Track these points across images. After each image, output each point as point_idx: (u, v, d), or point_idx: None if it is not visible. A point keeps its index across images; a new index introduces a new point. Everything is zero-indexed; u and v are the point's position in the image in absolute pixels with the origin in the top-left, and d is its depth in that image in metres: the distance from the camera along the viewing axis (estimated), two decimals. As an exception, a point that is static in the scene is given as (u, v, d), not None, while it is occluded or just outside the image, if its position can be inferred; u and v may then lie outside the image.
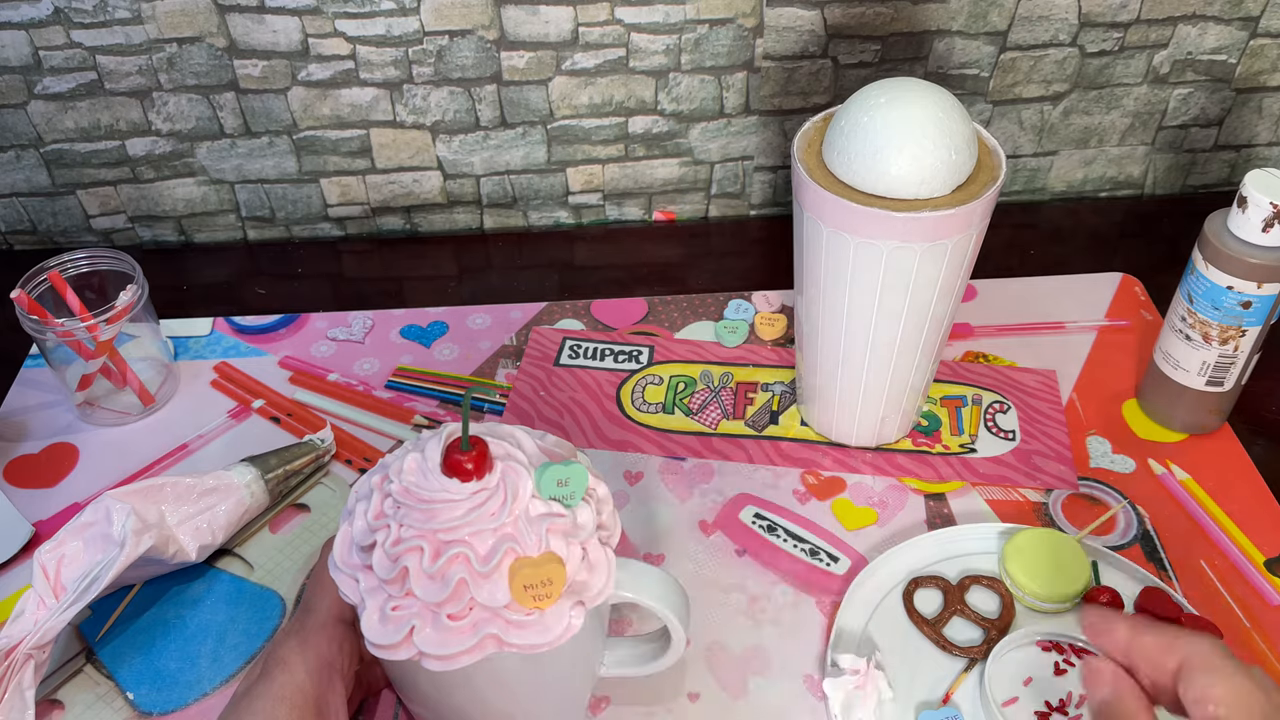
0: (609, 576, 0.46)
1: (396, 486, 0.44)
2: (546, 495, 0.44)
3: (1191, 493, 0.67)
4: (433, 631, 0.43)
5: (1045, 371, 0.76)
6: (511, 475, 0.44)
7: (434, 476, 0.44)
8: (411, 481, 0.44)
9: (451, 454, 0.44)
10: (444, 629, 0.43)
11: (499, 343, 0.79)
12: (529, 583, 0.42)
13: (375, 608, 0.44)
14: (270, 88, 0.83)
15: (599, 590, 0.45)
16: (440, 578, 0.43)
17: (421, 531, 0.43)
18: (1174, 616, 0.59)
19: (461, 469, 0.44)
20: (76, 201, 0.89)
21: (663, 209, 0.93)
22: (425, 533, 0.43)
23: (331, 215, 0.91)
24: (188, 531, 0.61)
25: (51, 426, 0.74)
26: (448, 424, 0.46)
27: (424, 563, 0.43)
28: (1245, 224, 0.61)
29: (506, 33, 0.81)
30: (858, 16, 0.82)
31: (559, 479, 0.44)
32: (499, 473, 0.44)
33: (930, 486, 0.68)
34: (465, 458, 0.44)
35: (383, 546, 0.44)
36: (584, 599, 0.45)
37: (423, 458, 0.45)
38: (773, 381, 0.75)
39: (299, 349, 0.79)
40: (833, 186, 0.58)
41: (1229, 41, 0.85)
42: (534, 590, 0.42)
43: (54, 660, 0.60)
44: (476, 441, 0.45)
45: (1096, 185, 0.94)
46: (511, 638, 0.43)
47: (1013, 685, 0.56)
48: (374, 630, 0.44)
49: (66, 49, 0.80)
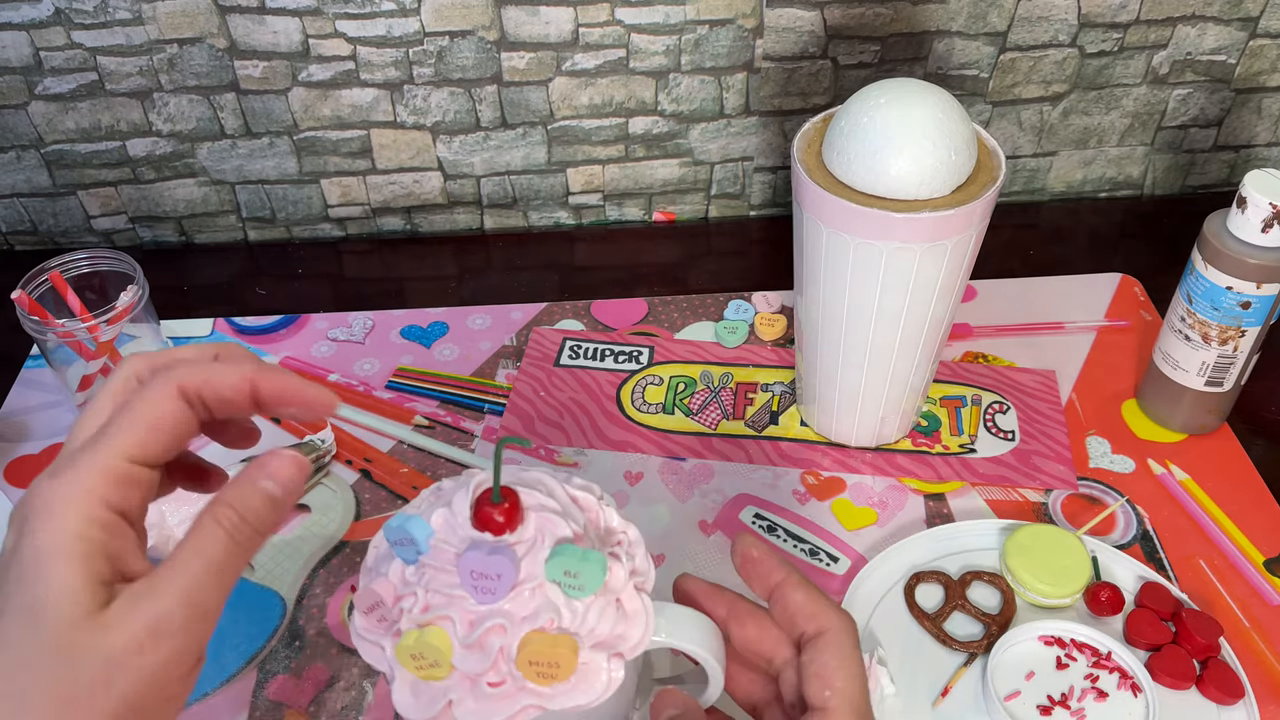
0: (647, 625, 0.43)
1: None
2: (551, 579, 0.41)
3: (1191, 493, 0.67)
4: (473, 702, 0.40)
5: (1045, 372, 0.76)
6: (548, 526, 0.42)
7: (464, 531, 0.41)
8: (439, 540, 0.41)
9: (482, 506, 0.41)
10: (484, 698, 0.40)
11: (499, 343, 0.79)
12: (535, 659, 0.40)
13: (406, 681, 0.41)
14: (271, 88, 0.83)
15: (637, 641, 0.42)
16: (479, 647, 0.40)
17: (451, 598, 0.41)
18: (1174, 613, 0.59)
19: (493, 522, 0.41)
20: (77, 202, 0.89)
21: (663, 209, 0.93)
22: (456, 598, 0.40)
23: (332, 216, 0.91)
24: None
25: (52, 427, 0.74)
26: (475, 473, 0.43)
27: (459, 632, 0.40)
28: (1245, 224, 0.61)
29: (507, 33, 0.81)
30: (858, 17, 0.82)
31: (566, 569, 0.41)
32: (533, 524, 0.42)
33: (930, 487, 0.68)
34: (496, 510, 0.41)
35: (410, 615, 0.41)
36: (622, 651, 0.42)
37: (450, 512, 0.42)
38: (773, 382, 0.76)
39: (299, 349, 0.79)
40: (833, 187, 0.58)
41: (1228, 42, 0.85)
42: (539, 668, 0.40)
43: (55, 660, 0.60)
44: (507, 492, 0.42)
45: (1096, 185, 0.94)
46: (553, 703, 0.41)
47: (1015, 680, 0.56)
48: (407, 705, 0.41)
49: (67, 50, 0.80)
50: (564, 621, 0.41)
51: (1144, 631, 0.58)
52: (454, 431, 0.73)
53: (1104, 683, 0.56)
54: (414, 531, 0.41)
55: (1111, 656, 0.57)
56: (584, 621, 0.41)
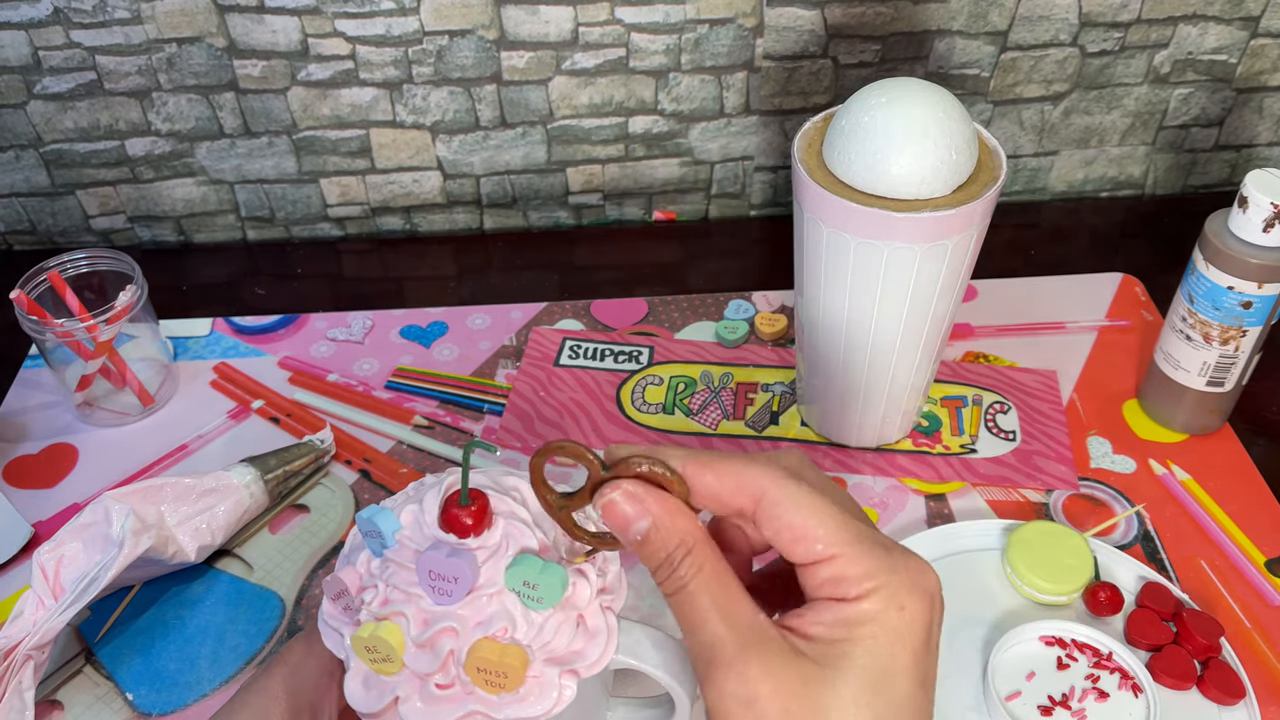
0: (608, 644, 0.42)
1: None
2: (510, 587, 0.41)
3: (1192, 493, 0.67)
4: (420, 702, 0.40)
5: (1045, 372, 0.75)
6: (515, 534, 0.42)
7: (430, 530, 0.41)
8: (406, 536, 0.41)
9: (450, 507, 0.41)
10: (431, 698, 0.40)
11: (499, 343, 0.79)
12: (483, 667, 0.40)
13: (359, 672, 0.41)
14: (270, 88, 0.83)
15: (595, 660, 0.42)
16: (430, 647, 0.40)
17: (409, 595, 0.41)
18: (1174, 613, 0.59)
19: (459, 524, 0.41)
20: (76, 202, 0.89)
21: (663, 209, 0.93)
22: (414, 596, 0.41)
23: (331, 215, 0.91)
24: (187, 532, 0.61)
25: (51, 427, 0.74)
26: (448, 473, 0.43)
27: (411, 630, 0.40)
28: (1246, 224, 0.61)
29: (506, 33, 0.81)
30: (858, 16, 0.82)
31: (525, 579, 0.40)
32: (500, 531, 0.42)
33: (931, 487, 0.68)
34: (464, 512, 0.41)
35: (369, 608, 0.41)
36: (578, 668, 0.42)
37: (420, 509, 0.42)
38: (773, 382, 0.75)
39: (298, 349, 0.79)
40: (833, 186, 0.58)
41: (1229, 41, 0.85)
42: (487, 675, 0.40)
43: (53, 661, 0.60)
44: (477, 495, 0.42)
45: (1097, 185, 0.94)
46: (499, 712, 0.40)
47: (1016, 680, 0.56)
48: (356, 696, 0.41)
49: (66, 49, 0.80)
50: (518, 632, 0.40)
51: (1145, 632, 0.58)
52: (453, 431, 0.73)
53: (1105, 683, 0.56)
54: (381, 525, 0.41)
55: (1112, 657, 0.57)
56: (539, 634, 0.41)
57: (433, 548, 0.41)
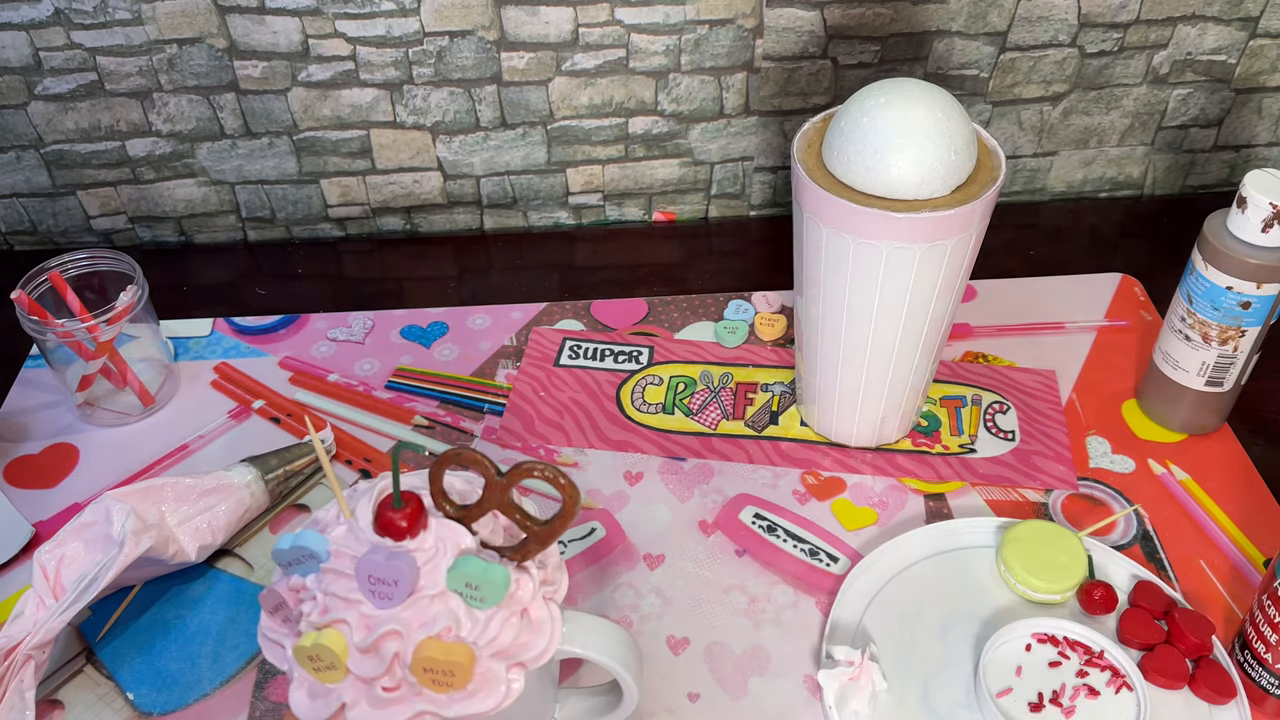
0: (553, 635, 0.43)
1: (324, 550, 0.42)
2: (452, 588, 0.41)
3: (1191, 493, 0.67)
4: (367, 706, 0.40)
5: (1045, 372, 0.76)
6: (449, 534, 0.42)
7: (366, 536, 0.41)
8: (341, 544, 0.41)
9: (384, 511, 0.41)
10: (379, 702, 0.40)
11: (499, 343, 0.79)
12: (430, 666, 0.40)
13: (304, 682, 0.41)
14: (270, 88, 0.83)
15: (541, 651, 0.42)
16: (375, 652, 0.40)
17: (349, 601, 0.40)
18: (1166, 612, 0.59)
19: (394, 527, 0.41)
20: (77, 202, 0.89)
21: (663, 209, 0.93)
22: (354, 602, 0.40)
23: (332, 216, 0.91)
24: (187, 532, 0.61)
25: (52, 427, 0.74)
26: (381, 478, 0.43)
27: (354, 637, 0.40)
28: (1245, 224, 0.61)
29: (506, 33, 0.81)
30: (857, 17, 0.82)
31: (468, 580, 0.40)
32: (434, 531, 0.42)
33: (930, 487, 0.68)
34: (398, 515, 0.41)
35: (309, 619, 0.41)
36: (525, 660, 0.42)
37: (354, 517, 0.42)
38: (773, 382, 0.76)
39: (299, 349, 0.79)
40: (833, 187, 0.58)
41: (1228, 42, 0.85)
42: (434, 675, 0.40)
43: (54, 661, 0.60)
44: (410, 498, 0.42)
45: (1096, 185, 0.94)
46: (448, 710, 0.41)
47: (1007, 676, 0.56)
48: (302, 707, 0.41)
49: (67, 50, 0.80)
50: (463, 631, 0.40)
51: (1137, 630, 0.58)
52: (454, 432, 0.73)
53: (1096, 681, 0.56)
54: (311, 545, 0.41)
55: (1104, 655, 0.57)
56: (485, 631, 0.41)
57: (370, 553, 0.40)
